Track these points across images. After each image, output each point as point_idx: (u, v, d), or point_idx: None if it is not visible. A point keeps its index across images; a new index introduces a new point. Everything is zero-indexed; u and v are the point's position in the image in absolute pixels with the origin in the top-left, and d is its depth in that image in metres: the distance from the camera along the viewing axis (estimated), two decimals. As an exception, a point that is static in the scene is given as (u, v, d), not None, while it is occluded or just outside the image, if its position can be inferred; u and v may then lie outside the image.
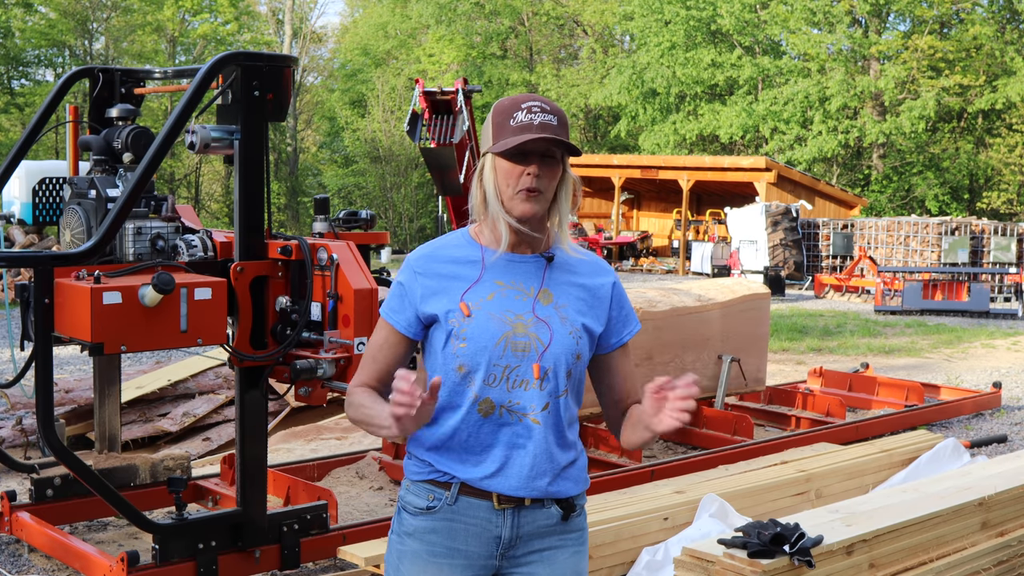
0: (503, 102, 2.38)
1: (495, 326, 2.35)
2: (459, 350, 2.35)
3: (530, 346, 2.35)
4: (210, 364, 7.95)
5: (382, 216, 37.27)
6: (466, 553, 2.39)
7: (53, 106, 5.31)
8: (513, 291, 2.39)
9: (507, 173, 2.34)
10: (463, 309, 2.35)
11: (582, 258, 2.48)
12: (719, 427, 7.32)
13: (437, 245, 2.45)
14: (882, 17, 36.63)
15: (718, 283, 8.04)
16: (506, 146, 2.31)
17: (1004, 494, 4.63)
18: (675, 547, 4.53)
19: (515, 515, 2.38)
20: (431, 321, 2.40)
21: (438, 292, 2.38)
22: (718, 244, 24.74)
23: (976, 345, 13.65)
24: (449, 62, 40.79)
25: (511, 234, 2.38)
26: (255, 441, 4.62)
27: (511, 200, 2.35)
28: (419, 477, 2.42)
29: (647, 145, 37.18)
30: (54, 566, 4.97)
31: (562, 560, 2.44)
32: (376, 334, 2.47)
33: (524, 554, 2.41)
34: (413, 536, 2.41)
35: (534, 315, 2.37)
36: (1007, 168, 36.50)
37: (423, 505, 2.40)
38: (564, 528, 2.44)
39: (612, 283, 2.50)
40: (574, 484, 2.44)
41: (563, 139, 2.33)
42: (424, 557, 2.39)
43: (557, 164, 2.36)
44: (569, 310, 2.41)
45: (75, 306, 4.13)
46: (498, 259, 2.40)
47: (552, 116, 2.34)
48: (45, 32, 36.97)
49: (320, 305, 4.56)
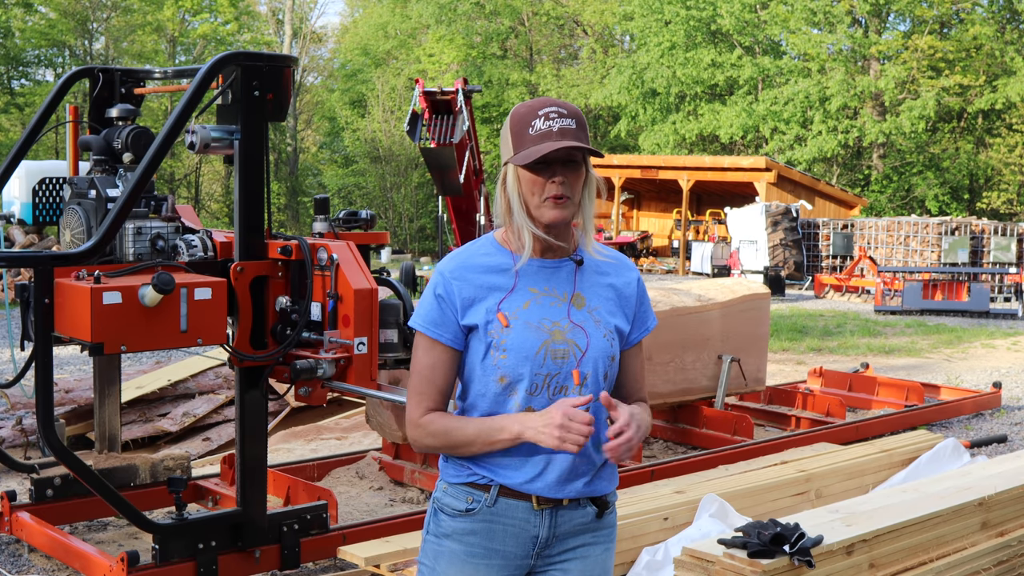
0: (520, 109, 2.37)
1: (534, 336, 2.35)
2: (500, 361, 2.35)
3: (569, 352, 2.37)
4: (210, 364, 7.95)
5: (382, 216, 37.25)
6: (503, 553, 2.40)
7: (53, 106, 5.30)
8: (548, 298, 2.40)
9: (531, 183, 2.34)
10: (501, 320, 2.36)
11: (607, 258, 2.49)
12: (719, 427, 7.32)
13: (468, 253, 2.44)
14: (882, 17, 36.63)
15: (718, 283, 8.04)
16: (528, 158, 2.30)
17: (1004, 494, 4.63)
18: (675, 547, 4.53)
19: (552, 515, 2.40)
20: (469, 331, 2.39)
21: (476, 302, 2.38)
22: (718, 244, 24.74)
23: (976, 345, 13.64)
24: (449, 62, 40.79)
25: (536, 242, 2.39)
26: (255, 441, 4.62)
27: (538, 208, 2.35)
28: (457, 480, 2.42)
29: (647, 145, 37.18)
30: (54, 566, 4.97)
31: (595, 556, 2.47)
32: (423, 355, 2.42)
33: (559, 552, 2.44)
34: (451, 537, 2.42)
35: (570, 320, 2.39)
36: (1007, 168, 36.50)
37: (462, 507, 2.41)
38: (598, 525, 2.47)
39: (636, 280, 2.52)
40: (608, 482, 2.47)
41: (584, 145, 2.33)
42: (462, 557, 2.41)
43: (580, 168, 2.36)
44: (602, 312, 2.43)
45: (75, 306, 4.13)
46: (530, 265, 2.40)
47: (571, 120, 2.34)
48: (45, 32, 36.98)
49: (320, 305, 4.56)
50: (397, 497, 6.00)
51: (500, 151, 2.45)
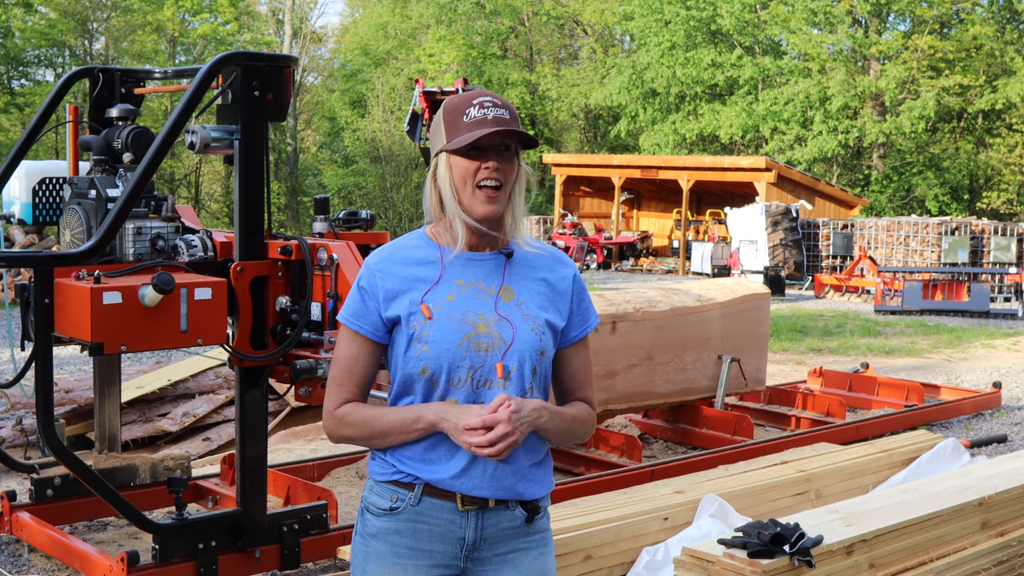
0: (453, 100, 2.36)
1: (456, 327, 2.33)
2: (421, 353, 2.33)
3: (493, 345, 2.34)
4: (210, 364, 7.95)
5: (382, 216, 37.26)
6: (430, 553, 2.38)
7: (53, 106, 5.30)
8: (474, 290, 2.37)
9: (464, 170, 2.32)
10: (424, 311, 2.34)
11: (540, 252, 2.46)
12: (719, 427, 7.33)
13: (395, 247, 2.43)
14: (882, 17, 36.63)
15: (718, 283, 8.04)
16: (462, 142, 2.30)
17: (1004, 494, 4.63)
18: (675, 547, 4.53)
19: (479, 517, 2.37)
20: (393, 324, 2.38)
21: (400, 294, 2.37)
22: (718, 244, 24.73)
23: (976, 345, 13.64)
24: (449, 62, 40.78)
25: (469, 234, 2.37)
26: (255, 441, 4.62)
27: (470, 200, 2.33)
28: (382, 478, 2.40)
29: (647, 145, 37.17)
30: (54, 566, 4.97)
31: (527, 562, 2.43)
32: (344, 348, 2.42)
33: (489, 556, 2.40)
34: (377, 537, 2.40)
35: (496, 313, 2.36)
36: (1007, 168, 36.50)
37: (386, 506, 2.39)
38: (528, 530, 2.43)
39: (572, 275, 2.49)
40: (539, 486, 2.43)
41: (519, 130, 2.33)
42: (388, 558, 2.39)
43: (513, 158, 2.36)
44: (531, 306, 2.40)
45: (75, 306, 4.13)
46: (457, 258, 2.38)
47: (504, 111, 2.33)
48: (45, 32, 36.97)
49: (320, 305, 4.56)
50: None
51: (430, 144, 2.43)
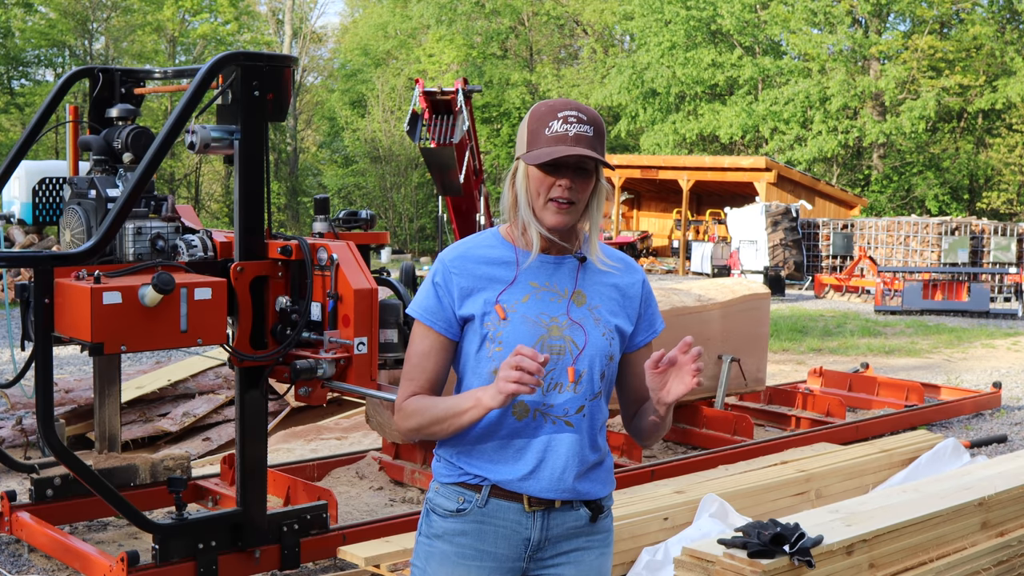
0: (540, 107, 2.36)
1: (530, 329, 2.34)
2: (495, 353, 2.33)
3: (565, 349, 2.35)
4: (210, 364, 7.95)
5: (382, 216, 37.24)
6: (495, 555, 2.38)
7: (53, 106, 5.30)
8: (548, 292, 2.38)
9: (539, 182, 2.33)
10: (499, 312, 2.34)
11: (613, 262, 2.48)
12: (719, 427, 7.32)
13: (470, 244, 2.43)
14: (882, 17, 36.63)
15: (718, 283, 8.04)
16: (538, 158, 2.30)
17: (1004, 494, 4.63)
18: (675, 547, 4.53)
19: (544, 517, 2.38)
20: (466, 322, 2.38)
21: (474, 293, 2.37)
22: (718, 244, 24.74)
23: (976, 345, 13.64)
24: (449, 62, 40.78)
25: (541, 240, 2.38)
26: (255, 441, 4.62)
27: (542, 210, 2.34)
28: (449, 480, 2.41)
29: (647, 145, 37.18)
30: (54, 566, 4.97)
31: (589, 561, 2.44)
32: (418, 342, 2.41)
33: (552, 556, 2.41)
34: (442, 538, 2.40)
35: (568, 317, 2.37)
36: (1007, 168, 36.50)
37: (453, 507, 2.39)
38: (592, 529, 2.44)
39: (642, 281, 2.50)
40: (603, 485, 2.44)
41: (595, 155, 2.31)
42: (452, 559, 2.39)
43: (590, 176, 2.35)
44: (602, 311, 2.41)
45: (75, 306, 4.13)
46: (532, 260, 2.39)
47: (588, 127, 2.32)
48: (45, 32, 36.96)
49: (320, 305, 4.56)
50: (397, 497, 6.01)
51: (516, 145, 2.43)
